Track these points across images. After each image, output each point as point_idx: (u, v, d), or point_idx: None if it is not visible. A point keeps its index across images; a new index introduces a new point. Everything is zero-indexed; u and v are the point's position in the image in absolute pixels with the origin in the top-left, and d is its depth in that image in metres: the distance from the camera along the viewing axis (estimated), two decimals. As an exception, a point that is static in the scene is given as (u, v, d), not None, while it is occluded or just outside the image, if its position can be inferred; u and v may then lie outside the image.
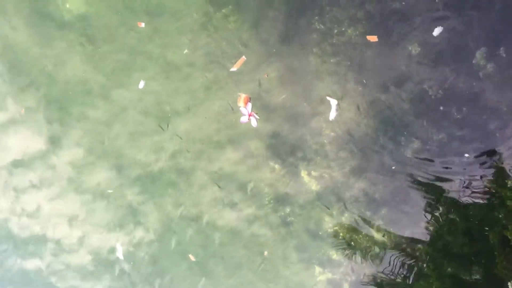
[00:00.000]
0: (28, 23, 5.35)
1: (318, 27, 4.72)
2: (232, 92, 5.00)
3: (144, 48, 5.16)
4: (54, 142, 5.53)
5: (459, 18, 4.32)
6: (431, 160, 4.55)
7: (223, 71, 5.00)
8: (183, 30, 5.07)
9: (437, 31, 4.32)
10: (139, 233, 5.53)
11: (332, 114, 4.74)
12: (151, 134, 5.29)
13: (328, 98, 4.73)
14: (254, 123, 4.89)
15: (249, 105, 4.89)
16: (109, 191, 5.47)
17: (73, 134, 5.50)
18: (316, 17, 4.71)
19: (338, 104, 4.71)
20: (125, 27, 5.16)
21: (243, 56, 4.91)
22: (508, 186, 4.19)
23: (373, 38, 4.53)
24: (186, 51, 5.06)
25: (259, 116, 4.89)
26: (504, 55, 4.25)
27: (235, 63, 4.93)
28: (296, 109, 4.90)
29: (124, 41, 5.19)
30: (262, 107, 4.96)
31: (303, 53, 4.81)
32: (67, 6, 5.22)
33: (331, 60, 4.73)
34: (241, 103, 4.92)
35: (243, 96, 4.92)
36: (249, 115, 4.88)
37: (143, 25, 5.09)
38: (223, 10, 4.95)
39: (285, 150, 4.97)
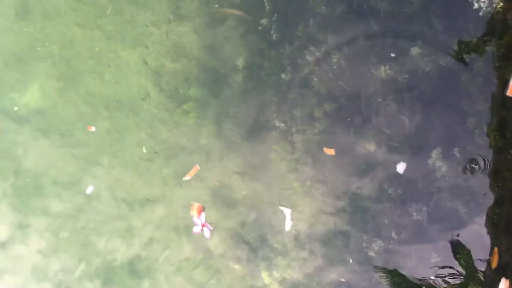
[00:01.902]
0: (-20, 117, 5.21)
1: (277, 124, 4.75)
2: (192, 193, 4.88)
3: (101, 143, 5.05)
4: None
5: (413, 119, 4.42)
6: (395, 260, 4.45)
7: (182, 169, 4.91)
8: (142, 125, 5.01)
9: (401, 167, 4.39)
10: None
11: (288, 225, 4.64)
12: (106, 233, 5.05)
13: (281, 208, 4.66)
14: (207, 234, 4.70)
15: (203, 215, 4.73)
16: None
17: (24, 229, 5.21)
18: (275, 115, 4.75)
19: (292, 213, 4.63)
20: (83, 121, 5.07)
21: (197, 165, 4.84)
22: (476, 279, 4.11)
23: (330, 151, 4.55)
24: (144, 150, 4.98)
25: (212, 227, 4.74)
26: (458, 155, 4.32)
27: (190, 171, 4.86)
28: (257, 206, 4.79)
29: (81, 136, 5.07)
30: (222, 203, 4.84)
31: (263, 149, 4.79)
32: (23, 100, 5.12)
33: (291, 157, 4.72)
34: (194, 213, 4.76)
35: (196, 205, 4.77)
36: (202, 226, 4.71)
37: (93, 129, 5.02)
38: (184, 106, 4.95)
39: (246, 249, 4.80)
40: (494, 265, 3.99)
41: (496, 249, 3.99)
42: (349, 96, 4.53)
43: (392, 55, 4.36)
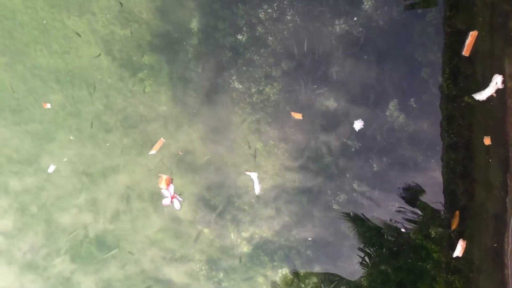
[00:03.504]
0: None
1: (236, 86, 4.68)
2: (154, 161, 4.81)
3: (56, 118, 4.88)
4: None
5: (370, 72, 4.45)
6: (359, 211, 4.58)
7: (142, 137, 4.82)
8: (98, 96, 4.86)
9: (358, 124, 4.40)
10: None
11: (257, 188, 4.64)
12: (70, 209, 4.97)
13: (247, 173, 4.65)
14: (177, 205, 4.58)
15: (172, 186, 4.62)
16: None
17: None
18: (234, 77, 4.67)
19: (259, 176, 4.64)
20: (34, 96, 4.86)
21: (162, 138, 4.75)
22: (432, 236, 4.28)
23: (297, 116, 4.53)
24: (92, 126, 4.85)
25: (181, 198, 4.67)
26: (414, 105, 4.39)
27: (154, 144, 4.77)
28: (221, 169, 4.79)
29: (34, 112, 4.88)
30: (186, 169, 4.81)
31: (224, 112, 4.75)
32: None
33: (252, 118, 4.69)
34: (162, 185, 4.65)
35: (164, 177, 4.67)
36: (172, 198, 4.63)
37: (48, 105, 4.83)
38: (139, 74, 4.81)
39: (213, 212, 4.82)
40: (454, 226, 4.15)
41: (457, 212, 4.13)
42: (305, 53, 4.50)
43: (355, 19, 4.32)
